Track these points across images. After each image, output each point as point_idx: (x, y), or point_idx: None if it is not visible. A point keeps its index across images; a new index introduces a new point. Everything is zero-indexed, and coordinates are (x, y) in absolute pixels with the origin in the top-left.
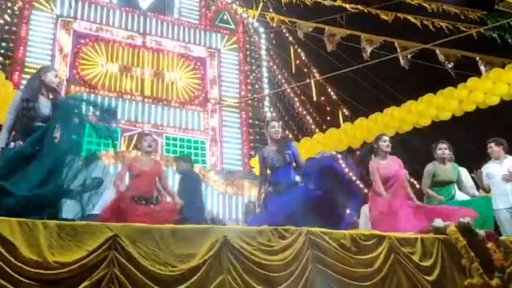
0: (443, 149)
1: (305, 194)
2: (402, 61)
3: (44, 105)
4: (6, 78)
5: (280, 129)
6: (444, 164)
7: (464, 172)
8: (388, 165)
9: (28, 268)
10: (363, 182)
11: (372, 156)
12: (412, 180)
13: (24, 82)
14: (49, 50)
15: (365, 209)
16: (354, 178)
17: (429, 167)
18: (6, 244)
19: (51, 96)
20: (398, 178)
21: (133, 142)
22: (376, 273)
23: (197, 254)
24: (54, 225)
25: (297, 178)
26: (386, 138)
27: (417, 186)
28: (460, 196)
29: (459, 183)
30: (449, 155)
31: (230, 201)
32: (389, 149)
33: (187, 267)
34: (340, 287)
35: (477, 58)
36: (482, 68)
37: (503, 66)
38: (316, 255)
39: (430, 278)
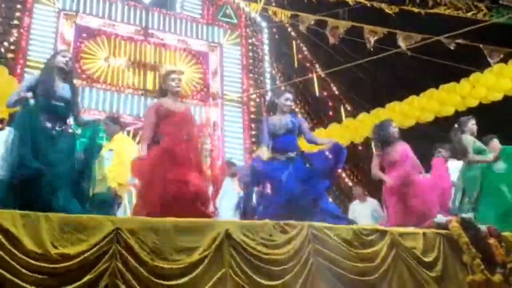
0: (475, 124)
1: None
2: (405, 48)
3: (60, 87)
4: (10, 72)
5: (293, 103)
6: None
7: None
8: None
9: (31, 260)
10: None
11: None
12: None
13: (26, 75)
14: (51, 44)
15: (353, 205)
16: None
17: (468, 138)
18: (8, 236)
19: (61, 79)
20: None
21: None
22: (378, 268)
23: (199, 247)
24: (56, 218)
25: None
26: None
27: None
28: None
29: None
30: None
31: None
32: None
33: (189, 261)
34: (342, 281)
35: (481, 46)
36: (489, 59)
37: (508, 56)
38: (318, 249)
39: (432, 273)
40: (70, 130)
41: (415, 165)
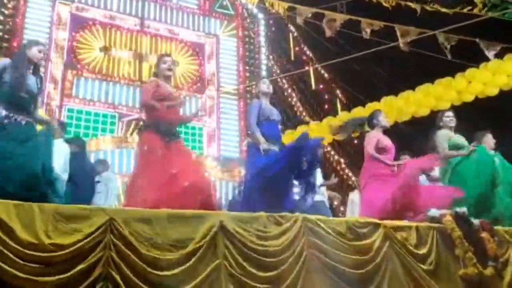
0: (451, 116)
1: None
2: (402, 44)
3: (29, 78)
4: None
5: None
6: (452, 131)
7: None
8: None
9: (25, 250)
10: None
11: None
12: None
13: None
14: (46, 33)
15: (352, 196)
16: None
17: (442, 133)
18: (1, 226)
19: (30, 70)
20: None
21: (131, 127)
22: (371, 260)
23: (193, 238)
24: (50, 208)
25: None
26: (383, 114)
27: None
28: None
29: None
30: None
31: (227, 187)
32: (388, 125)
33: (183, 252)
34: (335, 273)
35: (477, 40)
36: (487, 53)
37: (504, 51)
38: (311, 241)
39: (424, 266)
40: (29, 120)
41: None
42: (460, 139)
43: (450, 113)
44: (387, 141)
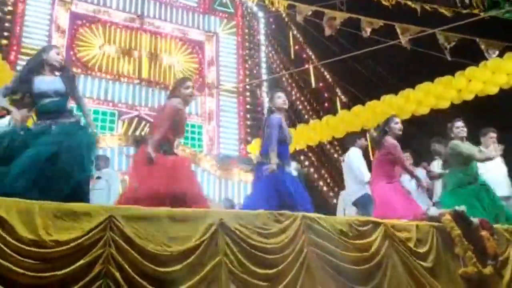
0: (461, 127)
1: None
2: (403, 42)
3: (49, 81)
4: (3, 59)
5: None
6: (463, 141)
7: None
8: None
9: (24, 247)
10: None
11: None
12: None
13: (20, 62)
14: (46, 31)
15: (343, 194)
16: None
17: (460, 143)
18: (2, 223)
19: (57, 73)
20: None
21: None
22: (372, 258)
23: (193, 236)
24: (50, 206)
25: None
26: (398, 120)
27: None
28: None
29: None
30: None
31: (226, 185)
32: (400, 132)
33: (183, 248)
34: (335, 271)
35: (477, 40)
36: (486, 54)
37: (503, 50)
38: (311, 239)
39: (425, 264)
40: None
41: None
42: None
43: (460, 123)
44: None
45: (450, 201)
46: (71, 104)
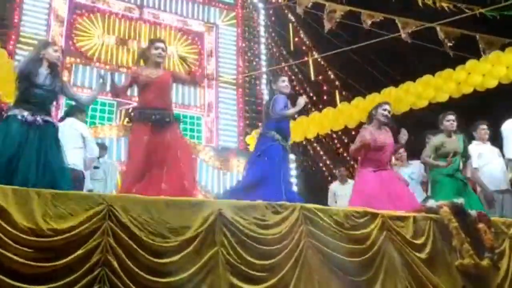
0: (451, 120)
1: None
2: (403, 36)
3: (44, 75)
4: (1, 47)
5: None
6: (450, 136)
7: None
8: (383, 134)
9: (22, 235)
10: None
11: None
12: None
13: (18, 51)
14: (44, 20)
15: (333, 186)
16: None
17: (437, 138)
18: (0, 211)
19: (48, 69)
20: (391, 150)
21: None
22: (369, 249)
23: (191, 226)
24: (48, 194)
25: None
26: (386, 106)
27: None
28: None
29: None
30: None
31: (224, 177)
32: (384, 119)
33: (181, 239)
34: (333, 262)
35: (477, 37)
36: (481, 47)
37: (503, 46)
38: (309, 230)
39: (421, 256)
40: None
41: None
42: (451, 146)
43: (451, 116)
44: (382, 137)
45: (433, 192)
46: None
